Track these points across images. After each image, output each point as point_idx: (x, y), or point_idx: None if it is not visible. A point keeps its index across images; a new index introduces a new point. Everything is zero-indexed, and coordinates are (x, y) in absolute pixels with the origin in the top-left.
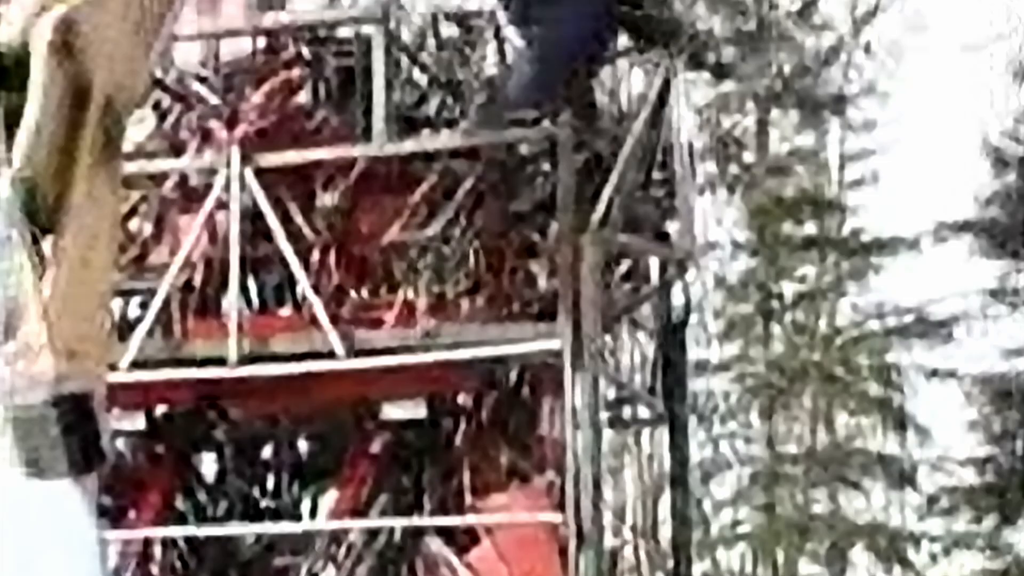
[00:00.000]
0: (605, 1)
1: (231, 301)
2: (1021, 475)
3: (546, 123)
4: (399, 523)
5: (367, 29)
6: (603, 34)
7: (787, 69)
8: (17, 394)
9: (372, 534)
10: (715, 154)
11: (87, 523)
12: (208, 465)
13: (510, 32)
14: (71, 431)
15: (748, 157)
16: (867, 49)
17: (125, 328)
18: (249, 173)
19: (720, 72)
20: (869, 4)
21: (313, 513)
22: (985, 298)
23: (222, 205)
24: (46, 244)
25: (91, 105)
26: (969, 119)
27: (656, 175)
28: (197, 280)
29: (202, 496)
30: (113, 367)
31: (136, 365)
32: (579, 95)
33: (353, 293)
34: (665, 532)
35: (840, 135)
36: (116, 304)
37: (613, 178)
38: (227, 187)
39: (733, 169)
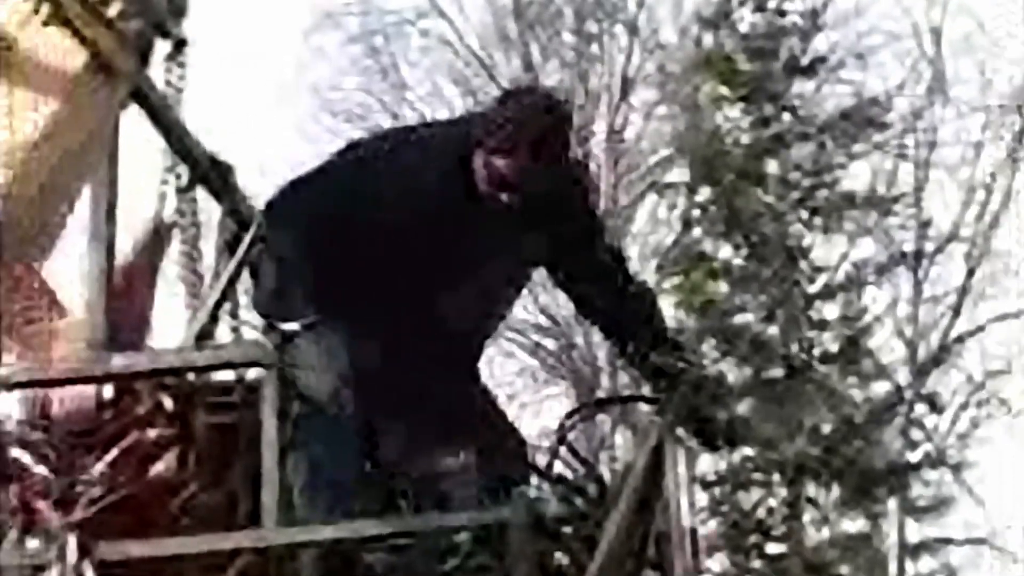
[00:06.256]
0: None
1: None
2: None
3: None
4: None
5: (253, 373)
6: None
7: (825, 430)
8: None
9: None
10: (729, 543)
11: None
12: None
13: None
14: None
15: (774, 548)
16: (932, 404)
17: None
18: (89, 568)
19: (733, 434)
20: (932, 344)
21: None
22: None
23: None
24: None
25: None
26: None
27: (648, 574)
28: None
29: None
30: None
31: None
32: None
33: None
34: None
35: (900, 518)
36: None
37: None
38: None
39: (755, 564)
